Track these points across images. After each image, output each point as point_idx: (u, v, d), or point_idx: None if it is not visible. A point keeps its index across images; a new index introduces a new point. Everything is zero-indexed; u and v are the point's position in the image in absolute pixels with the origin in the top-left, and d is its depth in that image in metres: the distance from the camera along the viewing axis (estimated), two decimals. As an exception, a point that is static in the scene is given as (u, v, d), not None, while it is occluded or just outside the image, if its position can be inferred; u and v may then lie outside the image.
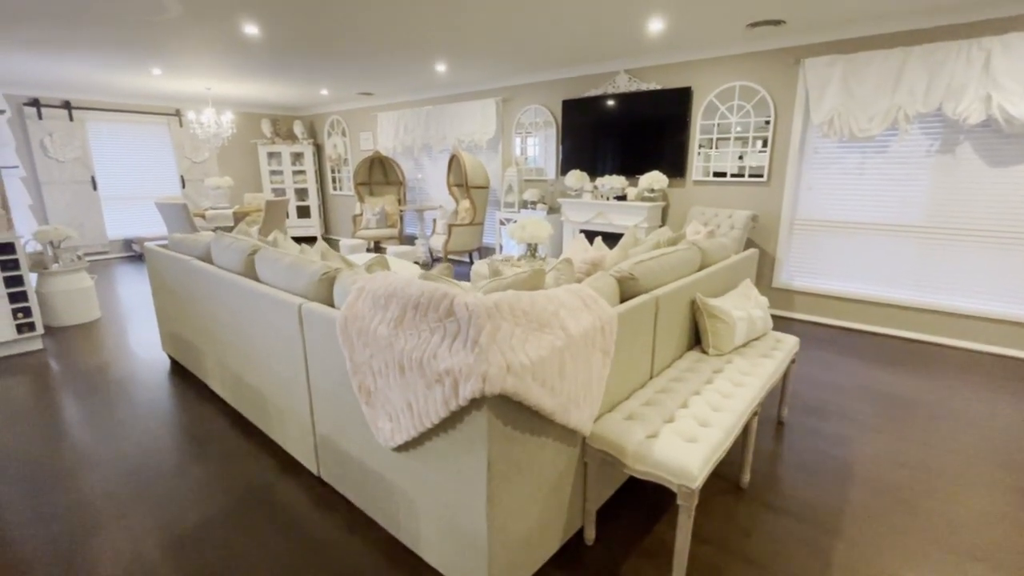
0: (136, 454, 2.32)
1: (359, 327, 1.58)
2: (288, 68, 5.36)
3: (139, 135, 7.49)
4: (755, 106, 4.27)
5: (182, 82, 6.16)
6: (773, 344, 2.38)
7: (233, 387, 2.57)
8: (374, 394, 1.55)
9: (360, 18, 3.59)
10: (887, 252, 3.91)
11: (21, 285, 3.55)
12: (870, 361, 3.44)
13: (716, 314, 2.20)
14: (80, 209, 7.05)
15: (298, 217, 8.81)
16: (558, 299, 1.57)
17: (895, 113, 3.58)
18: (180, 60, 4.94)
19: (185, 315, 2.94)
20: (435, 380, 1.32)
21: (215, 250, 2.66)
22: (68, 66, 5.19)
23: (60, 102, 6.78)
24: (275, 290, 2.07)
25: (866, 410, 2.75)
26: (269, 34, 3.99)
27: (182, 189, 7.92)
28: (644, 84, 4.85)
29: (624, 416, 1.71)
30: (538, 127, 5.80)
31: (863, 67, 3.66)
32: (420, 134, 7.05)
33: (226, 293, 2.38)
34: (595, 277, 1.94)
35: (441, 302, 1.41)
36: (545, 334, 1.42)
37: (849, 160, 3.95)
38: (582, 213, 5.14)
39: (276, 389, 2.16)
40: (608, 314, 1.64)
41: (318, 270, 1.96)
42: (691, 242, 2.58)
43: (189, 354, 3.04)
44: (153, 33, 3.95)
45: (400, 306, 1.49)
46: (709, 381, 1.98)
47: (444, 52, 4.62)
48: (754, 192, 4.41)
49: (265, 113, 8.81)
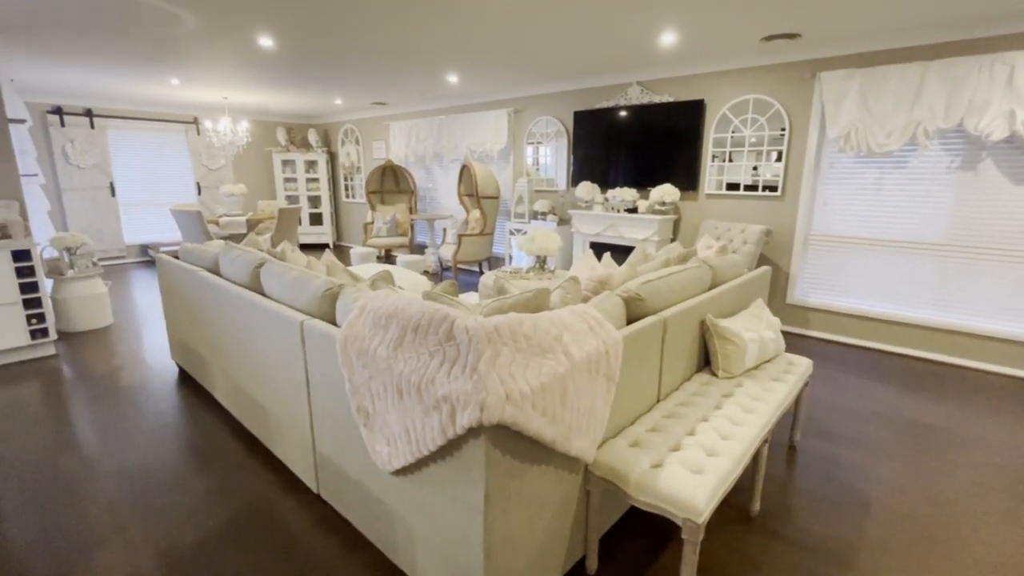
0: (140, 466, 2.32)
1: (359, 347, 1.55)
2: (303, 78, 5.42)
3: (157, 142, 7.63)
4: (769, 119, 4.21)
5: (199, 91, 6.26)
6: (785, 367, 2.31)
7: (237, 399, 2.56)
8: (372, 417, 1.53)
9: (373, 32, 3.61)
10: (906, 270, 3.81)
11: (36, 292, 3.60)
12: (887, 383, 3.34)
13: (727, 336, 2.14)
14: (98, 215, 7.19)
15: (310, 224, 8.89)
16: (562, 322, 1.53)
17: (914, 128, 3.50)
18: (197, 71, 5.02)
19: (193, 325, 2.95)
20: (433, 406, 1.29)
21: (223, 261, 2.67)
22: (90, 75, 5.31)
23: (82, 110, 6.93)
24: (278, 305, 2.06)
25: (883, 435, 2.66)
26: (283, 47, 4.04)
27: (198, 196, 8.03)
28: (656, 96, 4.82)
29: (629, 443, 1.66)
30: (549, 138, 5.79)
31: (881, 81, 3.58)
32: (432, 143, 7.08)
33: (231, 305, 2.38)
34: (601, 298, 1.90)
35: (441, 325, 1.38)
36: (547, 359, 1.38)
37: (866, 175, 3.86)
38: (593, 225, 5.10)
39: (278, 405, 2.15)
40: (613, 338, 1.60)
41: (321, 286, 1.94)
42: (702, 260, 2.53)
43: (196, 364, 3.05)
44: (171, 44, 4.02)
45: (400, 327, 1.47)
46: (718, 406, 1.92)
47: (456, 64, 4.64)
48: (768, 206, 4.34)
49: (280, 121, 8.93)
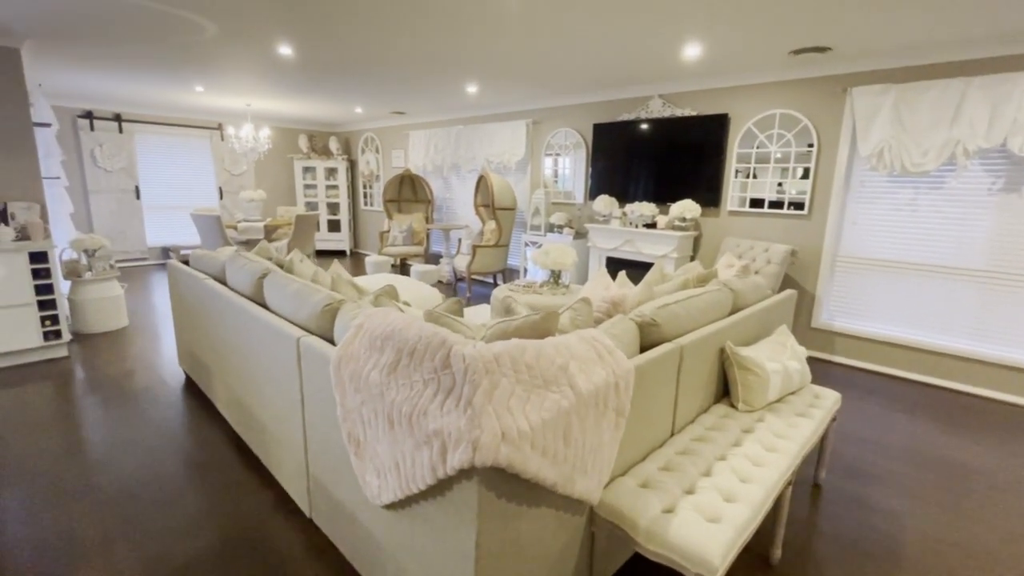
0: (136, 478, 2.27)
1: (352, 370, 1.47)
2: (323, 87, 5.44)
3: (182, 147, 7.77)
4: (797, 135, 4.05)
5: (223, 99, 6.35)
6: (811, 400, 2.16)
7: (237, 412, 2.51)
8: (363, 446, 1.43)
9: (393, 42, 3.58)
10: (942, 296, 3.59)
11: (51, 293, 3.63)
12: (919, 416, 3.13)
13: (748, 366, 2.01)
14: (123, 217, 7.32)
15: (329, 231, 8.93)
16: (569, 350, 1.43)
17: (953, 147, 3.31)
18: (221, 78, 5.07)
19: (198, 333, 2.91)
20: (424, 441, 1.19)
21: (229, 270, 2.63)
22: (120, 82, 5.41)
23: (112, 115, 7.09)
24: (276, 319, 2.00)
25: (915, 475, 2.47)
26: (303, 56, 4.04)
27: (219, 200, 8.15)
28: (679, 110, 4.70)
29: (639, 482, 1.54)
30: (568, 150, 5.70)
31: (917, 97, 3.41)
32: (450, 153, 7.05)
33: (233, 316, 2.33)
34: (613, 322, 1.79)
35: (438, 351, 1.29)
36: (550, 392, 1.28)
37: (900, 195, 3.67)
38: (610, 240, 4.98)
39: (274, 422, 2.08)
40: (624, 368, 1.49)
41: (320, 301, 1.87)
42: (723, 283, 2.39)
43: (201, 372, 3.02)
44: (194, 52, 4.06)
45: (395, 351, 1.38)
46: (737, 443, 1.79)
47: (476, 75, 4.59)
48: (793, 225, 4.17)
49: (302, 129, 9.03)
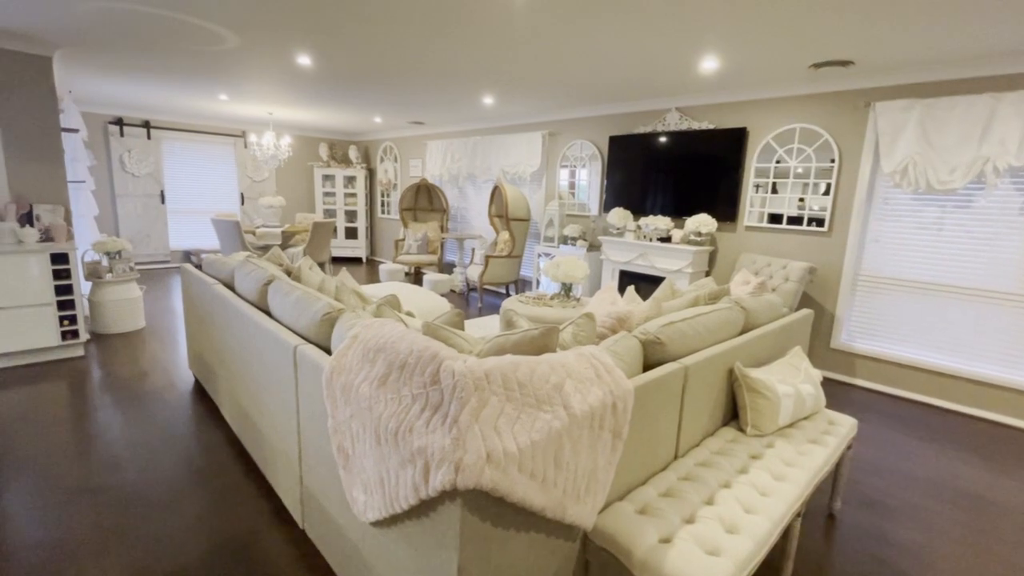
0: (137, 480, 2.28)
1: (344, 382, 1.44)
2: (344, 97, 5.53)
3: (207, 154, 7.97)
4: (817, 150, 3.95)
5: (246, 107, 6.50)
6: (825, 427, 2.06)
7: (239, 418, 2.50)
8: (351, 460, 1.40)
9: (412, 53, 3.61)
10: (970, 319, 3.43)
11: (71, 294, 3.71)
12: (944, 445, 2.97)
13: (758, 388, 1.92)
14: (148, 220, 7.52)
15: (346, 238, 9.03)
16: (565, 368, 1.38)
17: (982, 165, 3.18)
18: (243, 87, 5.19)
19: (206, 337, 2.94)
20: (408, 459, 1.15)
21: (238, 276, 2.64)
22: (147, 90, 5.58)
23: (141, 121, 7.32)
24: (275, 326, 1.99)
25: (939, 509, 2.33)
26: (323, 67, 4.11)
27: (241, 206, 8.31)
28: (696, 123, 4.63)
29: (636, 508, 1.47)
30: (583, 162, 5.67)
31: (945, 113, 3.30)
32: (466, 163, 7.09)
33: (236, 321, 2.33)
34: (616, 339, 1.74)
35: (428, 365, 1.25)
36: (542, 412, 1.23)
37: (925, 214, 3.54)
38: (623, 253, 4.91)
39: (272, 430, 2.06)
40: (623, 388, 1.43)
41: (320, 309, 1.86)
42: (734, 301, 2.32)
43: (208, 376, 3.04)
44: (216, 62, 4.16)
45: (386, 363, 1.35)
46: (743, 470, 1.70)
47: (494, 86, 4.61)
48: (812, 242, 4.05)
49: (323, 137, 9.19)
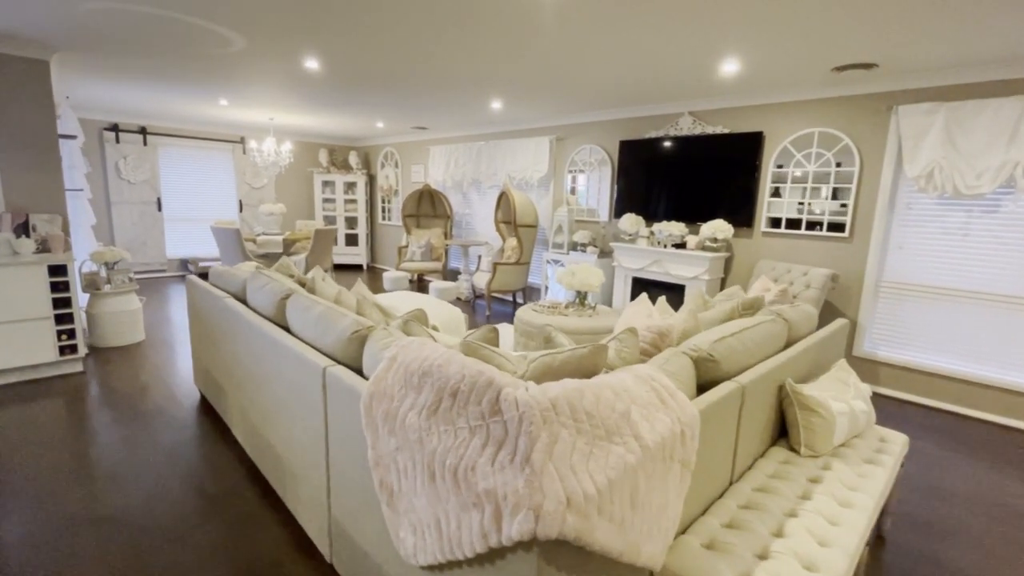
0: (144, 509, 2.14)
1: (386, 409, 1.32)
2: (347, 101, 5.41)
3: (205, 160, 7.81)
4: (836, 154, 3.88)
5: (247, 112, 6.37)
6: (878, 445, 1.96)
7: (252, 440, 2.37)
8: (397, 496, 1.28)
9: (420, 57, 3.51)
10: (999, 327, 3.36)
11: (69, 307, 3.56)
12: (984, 458, 2.89)
13: (811, 406, 1.82)
14: (144, 228, 7.35)
15: (346, 245, 8.89)
16: (628, 393, 1.27)
17: (1011, 169, 3.12)
18: (245, 92, 5.07)
19: (215, 352, 2.80)
20: (472, 502, 1.03)
21: (250, 289, 2.52)
22: (145, 95, 5.44)
23: (137, 128, 7.16)
24: (300, 345, 1.87)
25: (990, 529, 2.24)
26: (330, 70, 3.99)
27: (239, 213, 8.16)
28: (710, 127, 4.56)
29: (703, 542, 1.36)
30: (592, 167, 5.58)
31: (971, 116, 3.23)
32: (470, 169, 6.98)
33: (252, 338, 2.21)
34: (666, 358, 1.63)
35: (485, 393, 1.14)
36: (614, 445, 1.12)
37: (950, 219, 3.47)
38: (637, 260, 4.81)
39: (293, 454, 1.93)
40: (689, 414, 1.32)
41: (348, 327, 1.74)
42: (776, 312, 2.22)
43: (216, 394, 2.90)
44: (220, 66, 4.03)
45: (435, 390, 1.23)
46: (805, 495, 1.60)
47: (502, 91, 4.51)
48: (832, 248, 3.97)
49: (323, 143, 9.06)
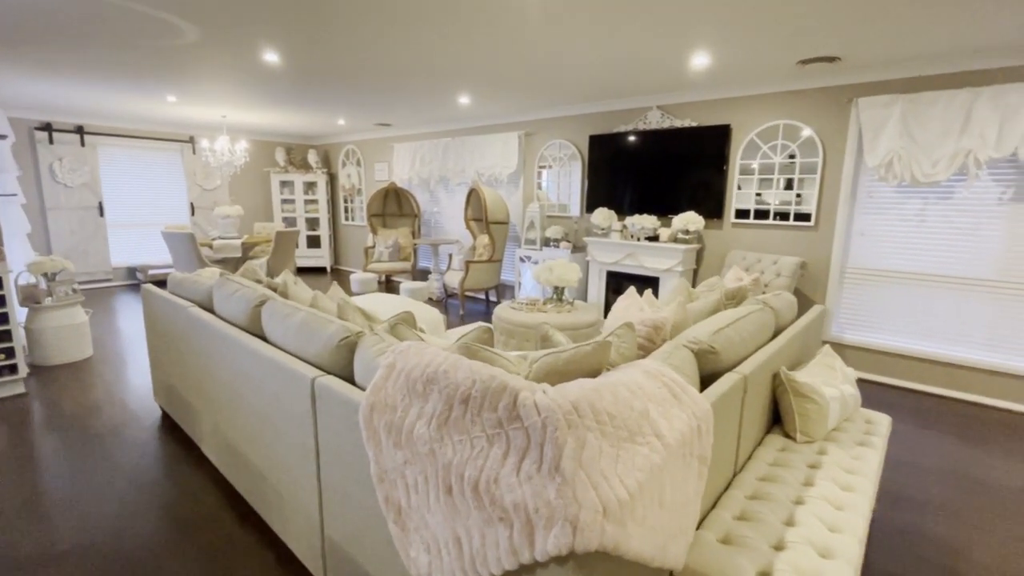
0: (107, 542, 1.96)
1: (388, 421, 1.24)
2: (307, 98, 5.18)
3: (150, 161, 7.34)
4: (801, 146, 4.00)
5: (197, 109, 6.01)
6: (866, 427, 2.02)
7: (229, 459, 2.21)
8: (406, 513, 1.20)
9: (385, 50, 3.38)
10: (953, 307, 3.55)
11: (6, 323, 3.25)
12: (945, 432, 3.04)
13: (805, 393, 1.85)
14: (85, 235, 6.84)
15: (308, 247, 8.57)
16: (643, 391, 1.23)
17: (964, 157, 3.29)
18: (196, 87, 4.77)
19: (180, 367, 2.61)
20: (498, 516, 0.97)
21: (217, 297, 2.35)
22: (81, 91, 5.04)
23: (73, 127, 6.65)
24: (284, 356, 1.74)
25: (962, 500, 2.35)
26: (288, 63, 3.80)
27: (191, 217, 7.72)
28: (678, 121, 4.62)
29: (718, 536, 1.34)
30: (562, 162, 5.57)
31: (926, 108, 3.39)
32: (437, 166, 6.85)
33: (226, 350, 2.05)
34: (668, 352, 1.61)
35: (500, 398, 1.08)
36: (638, 446, 1.08)
37: (908, 206, 3.64)
38: (610, 254, 4.84)
39: (278, 472, 1.81)
40: (703, 408, 1.30)
41: (335, 334, 1.63)
42: (762, 301, 2.25)
43: (183, 411, 2.70)
44: (169, 59, 3.77)
45: (444, 398, 1.16)
46: (808, 482, 1.61)
47: (470, 85, 4.42)
48: (799, 236, 4.10)
49: (280, 141, 8.70)
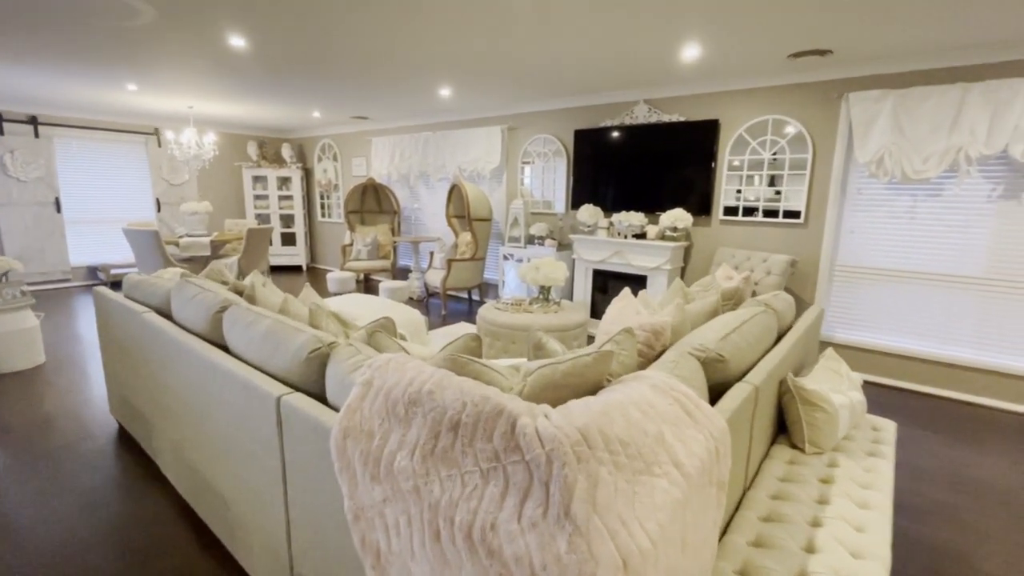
0: (51, 573, 1.74)
1: (364, 450, 1.07)
2: (279, 88, 4.92)
3: (112, 154, 6.94)
4: (790, 142, 3.93)
5: (161, 99, 5.68)
6: (873, 435, 1.92)
7: (189, 481, 2.01)
8: (386, 558, 1.04)
9: (358, 37, 3.18)
10: (943, 305, 3.52)
11: (-58, 330, 2.96)
12: (940, 432, 3.00)
13: (814, 401, 1.74)
14: (41, 233, 6.43)
15: (283, 245, 8.26)
16: (654, 409, 1.09)
17: (955, 154, 3.25)
18: (158, 75, 4.47)
19: (135, 378, 2.38)
20: (498, 573, 0.82)
21: (176, 301, 2.14)
22: (33, 78, 4.69)
23: (26, 117, 6.23)
24: (245, 370, 1.55)
25: (968, 507, 2.28)
26: (258, 49, 3.56)
27: (157, 213, 7.35)
28: (666, 115, 4.51)
29: (736, 567, 1.22)
30: (547, 157, 5.42)
31: (917, 103, 3.34)
32: (417, 161, 6.63)
33: (183, 362, 1.85)
34: (674, 361, 1.47)
35: (496, 424, 0.92)
36: (656, 478, 0.93)
37: (898, 203, 3.60)
38: (597, 252, 4.71)
39: (243, 499, 1.62)
40: (719, 427, 1.17)
41: (304, 345, 1.45)
42: (764, 303, 2.14)
43: (139, 426, 2.48)
44: (126, 42, 3.49)
45: (430, 424, 1.00)
46: (823, 500, 1.50)
47: (450, 76, 4.23)
48: (788, 234, 4.04)
49: (252, 135, 8.35)
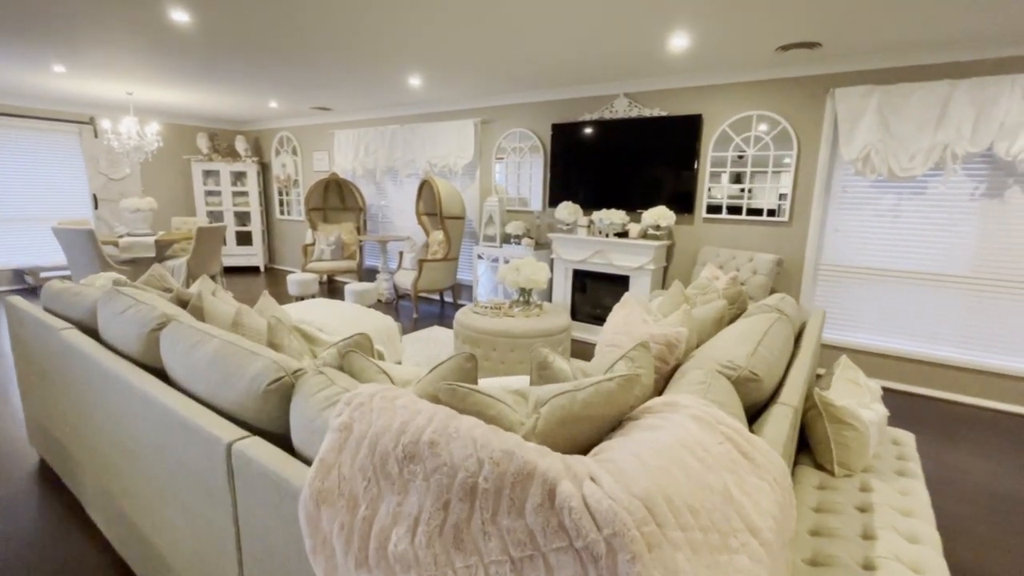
0: (-63, 665, 1.39)
1: (345, 523, 0.81)
2: (231, 73, 4.49)
3: (39, 145, 6.26)
4: (775, 138, 3.84)
5: (95, 84, 5.12)
6: (896, 450, 1.79)
7: (120, 530, 1.68)
8: (378, 672, 0.79)
9: (320, 14, 2.85)
10: (928, 304, 3.50)
11: None
12: (926, 431, 2.95)
13: (843, 418, 1.58)
14: (-44, 232, 5.74)
15: (238, 244, 7.72)
16: (710, 454, 0.89)
17: (941, 151, 3.21)
18: (89, 55, 3.98)
19: (57, 407, 2.01)
20: None
21: (103, 315, 1.79)
22: (-63, 56, 4.10)
23: (-65, 102, 5.54)
24: (188, 404, 1.25)
25: (983, 518, 2.20)
26: (205, 26, 3.17)
27: (94, 210, 6.70)
28: (647, 110, 4.36)
29: (793, 633, 1.02)
30: (523, 152, 5.20)
31: (903, 99, 3.29)
32: (384, 156, 6.28)
33: (111, 390, 1.52)
34: (704, 382, 1.27)
35: (526, 491, 0.71)
36: (735, 556, 0.72)
37: (883, 201, 3.56)
38: (577, 251, 4.52)
39: (187, 563, 1.32)
40: (780, 469, 0.97)
41: (262, 374, 1.17)
42: (773, 307, 1.98)
43: (63, 461, 2.10)
44: (48, 16, 3.04)
45: (434, 489, 0.75)
46: (867, 534, 1.33)
47: (420, 64, 3.94)
48: (773, 232, 3.96)
49: (202, 126, 7.76)
